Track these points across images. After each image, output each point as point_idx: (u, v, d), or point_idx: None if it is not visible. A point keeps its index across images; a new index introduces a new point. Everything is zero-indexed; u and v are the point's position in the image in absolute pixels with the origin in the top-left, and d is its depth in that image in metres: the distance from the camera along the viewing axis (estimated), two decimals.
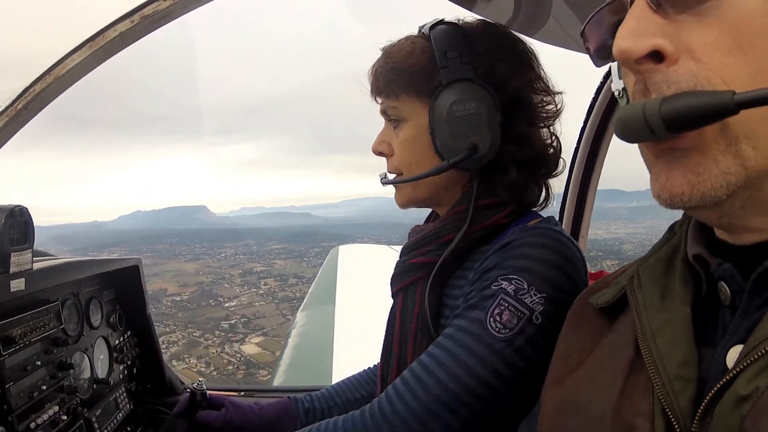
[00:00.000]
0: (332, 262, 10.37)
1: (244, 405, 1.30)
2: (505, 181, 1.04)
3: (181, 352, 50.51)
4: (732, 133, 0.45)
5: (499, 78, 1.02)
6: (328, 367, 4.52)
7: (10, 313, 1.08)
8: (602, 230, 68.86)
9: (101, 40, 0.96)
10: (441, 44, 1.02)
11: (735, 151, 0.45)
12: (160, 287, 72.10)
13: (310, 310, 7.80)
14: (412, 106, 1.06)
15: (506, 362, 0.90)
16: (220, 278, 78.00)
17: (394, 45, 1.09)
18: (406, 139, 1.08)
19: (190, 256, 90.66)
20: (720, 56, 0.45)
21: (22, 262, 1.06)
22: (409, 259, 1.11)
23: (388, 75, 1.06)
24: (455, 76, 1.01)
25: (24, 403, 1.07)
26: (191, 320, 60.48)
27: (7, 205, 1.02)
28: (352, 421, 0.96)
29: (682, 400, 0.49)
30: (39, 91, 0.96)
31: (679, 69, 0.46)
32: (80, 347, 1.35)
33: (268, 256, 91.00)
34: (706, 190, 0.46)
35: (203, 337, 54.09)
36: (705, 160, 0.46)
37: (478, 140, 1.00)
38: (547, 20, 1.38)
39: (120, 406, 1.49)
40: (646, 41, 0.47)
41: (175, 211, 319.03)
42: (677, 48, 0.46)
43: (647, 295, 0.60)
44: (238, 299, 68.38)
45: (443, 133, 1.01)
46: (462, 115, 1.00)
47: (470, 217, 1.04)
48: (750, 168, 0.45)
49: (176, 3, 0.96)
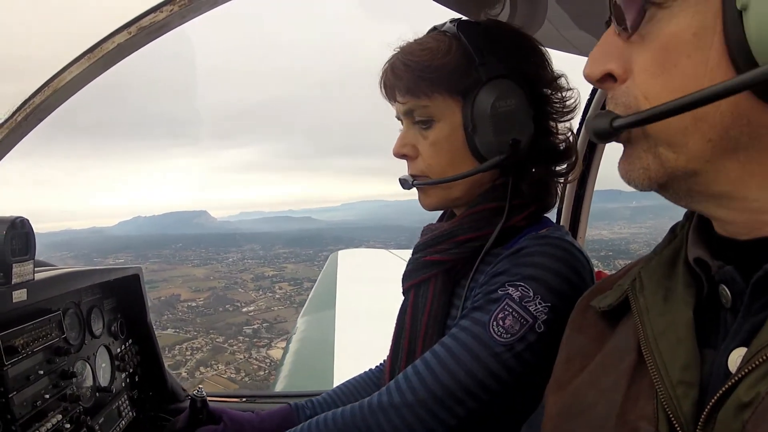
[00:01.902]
0: (332, 267, 10.37)
1: (242, 418, 1.29)
2: (529, 178, 1.05)
3: (207, 358, 50.03)
4: (652, 138, 0.52)
5: (528, 75, 1.03)
6: (329, 372, 4.52)
7: (13, 323, 1.09)
8: (606, 230, 68.84)
9: (99, 51, 0.96)
10: (475, 42, 1.01)
11: (655, 152, 0.52)
12: (173, 293, 71.76)
13: (310, 315, 7.80)
14: (445, 105, 1.03)
15: (504, 366, 0.91)
16: (232, 283, 77.61)
17: (417, 43, 1.06)
18: (438, 139, 1.04)
19: (197, 261, 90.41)
20: (646, 77, 0.51)
21: (24, 272, 1.07)
22: (423, 257, 1.11)
23: (419, 74, 1.02)
24: (494, 72, 1.00)
25: (27, 413, 1.07)
26: (211, 326, 60.12)
27: (8, 217, 1.03)
28: (351, 410, 0.99)
29: (685, 404, 0.50)
30: (38, 103, 0.97)
31: (622, 88, 0.54)
32: (82, 356, 1.36)
33: (277, 260, 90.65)
34: (635, 177, 0.55)
35: (227, 343, 53.70)
36: (633, 153, 0.55)
37: (518, 135, 1.00)
38: (542, 24, 1.40)
39: (123, 413, 1.49)
40: (600, 67, 0.55)
41: (176, 216, 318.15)
42: (626, 69, 0.53)
43: (649, 299, 0.60)
44: (255, 304, 68.04)
45: (485, 130, 1.00)
46: (504, 112, 0.99)
47: (476, 220, 1.05)
48: (670, 168, 0.51)
49: (173, 14, 0.97)
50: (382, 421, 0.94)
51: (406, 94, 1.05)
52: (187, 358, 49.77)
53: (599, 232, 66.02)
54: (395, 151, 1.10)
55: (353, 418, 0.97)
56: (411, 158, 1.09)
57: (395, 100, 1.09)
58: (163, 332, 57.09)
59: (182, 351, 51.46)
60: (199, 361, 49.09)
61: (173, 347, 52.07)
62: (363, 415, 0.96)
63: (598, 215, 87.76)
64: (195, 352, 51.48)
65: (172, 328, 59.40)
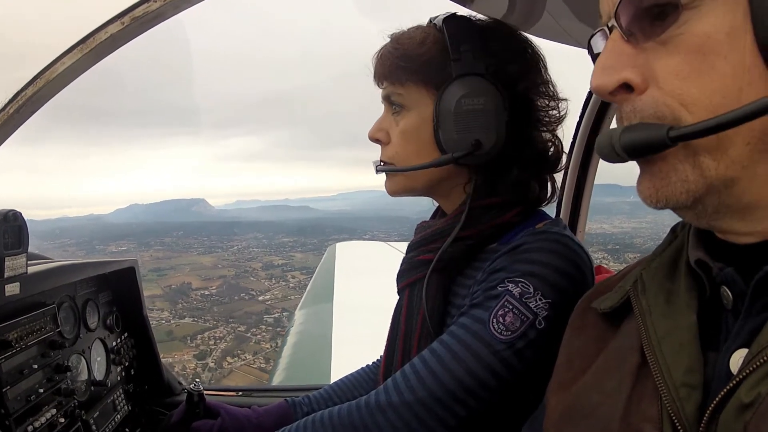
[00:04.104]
0: (330, 260, 10.38)
1: (240, 413, 1.29)
2: (505, 180, 1.04)
3: (231, 348, 48.98)
4: (692, 148, 0.48)
5: (509, 78, 1.02)
6: (326, 365, 4.53)
7: (6, 317, 1.08)
8: (607, 225, 68.72)
9: (92, 42, 0.95)
10: (454, 37, 1.01)
11: (694, 162, 0.48)
12: (183, 281, 70.47)
13: (308, 308, 7.81)
14: (418, 95, 1.04)
15: (505, 363, 0.90)
16: (242, 272, 76.47)
17: (405, 32, 1.07)
18: (407, 128, 1.06)
19: (201, 249, 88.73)
20: (678, 82, 0.47)
21: (17, 266, 1.06)
22: (416, 256, 1.11)
23: (396, 61, 1.04)
24: (466, 69, 1.00)
25: (21, 407, 1.07)
26: (230, 314, 58.76)
27: (0, 210, 1.02)
28: (348, 409, 0.98)
29: (688, 407, 0.50)
30: (31, 94, 0.96)
31: (644, 98, 0.49)
32: (77, 350, 1.35)
33: (283, 249, 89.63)
34: (669, 194, 0.50)
35: (250, 332, 52.35)
36: (666, 167, 0.50)
37: (482, 137, 0.99)
38: (541, 15, 1.38)
39: (118, 407, 1.49)
40: (615, 76, 0.50)
41: (173, 204, 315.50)
42: (645, 77, 0.49)
43: (651, 300, 0.60)
44: (270, 293, 66.64)
45: (448, 125, 1.00)
46: (470, 110, 0.98)
47: (468, 217, 1.04)
48: (710, 177, 0.48)
49: (167, 3, 0.96)
50: (380, 421, 0.92)
51: (385, 79, 1.08)
52: (211, 348, 48.74)
53: (600, 226, 65.94)
54: (370, 135, 1.13)
55: (350, 417, 0.96)
56: (383, 143, 1.11)
57: (380, 85, 1.11)
58: (182, 321, 56.05)
59: (205, 340, 50.42)
60: (225, 351, 48.03)
61: (195, 336, 50.98)
62: (361, 414, 0.95)
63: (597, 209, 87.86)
64: (219, 342, 50.38)
65: (189, 317, 58.02)
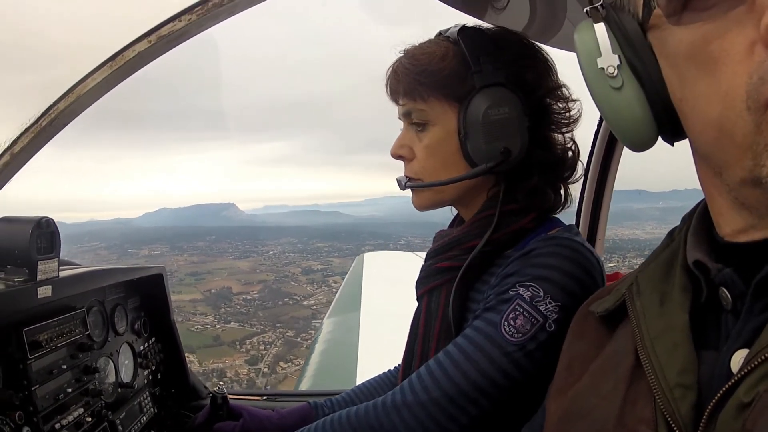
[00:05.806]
0: (358, 269, 10.45)
1: (262, 414, 1.31)
2: (526, 187, 1.05)
3: (283, 353, 48.86)
4: None
5: (528, 85, 1.03)
6: (352, 372, 4.55)
7: (37, 318, 1.13)
8: (639, 231, 66.57)
9: (120, 59, 1.00)
10: (473, 49, 1.02)
11: None
12: (223, 285, 70.39)
13: (336, 317, 7.85)
14: (441, 109, 1.05)
15: (516, 364, 0.93)
16: (282, 276, 75.43)
17: (419, 47, 1.08)
18: (432, 142, 1.07)
19: (236, 253, 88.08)
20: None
21: (49, 270, 1.12)
22: (434, 264, 1.13)
23: (416, 77, 1.05)
24: (488, 80, 1.01)
25: (49, 405, 1.12)
26: (276, 319, 58.58)
27: (34, 217, 1.08)
28: (365, 409, 1.01)
29: (683, 407, 0.50)
30: (63, 108, 1.01)
31: None
32: (105, 352, 1.40)
33: (320, 254, 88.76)
34: None
35: (300, 337, 51.60)
36: None
37: (510, 144, 1.01)
38: (562, 26, 1.38)
39: (144, 409, 1.53)
40: None
41: (203, 208, 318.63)
42: None
43: (646, 302, 0.60)
44: (314, 297, 65.84)
45: (477, 136, 1.01)
46: (496, 120, 1.00)
47: (486, 224, 1.05)
48: None
49: (191, 23, 1.00)
50: (396, 420, 0.95)
51: (405, 96, 1.08)
52: (262, 353, 48.60)
53: (633, 232, 63.83)
54: (392, 152, 1.13)
55: (367, 416, 0.99)
56: (407, 159, 1.12)
57: (397, 102, 1.12)
58: (227, 326, 55.89)
59: (255, 345, 50.26)
60: (277, 356, 47.91)
61: (244, 341, 50.84)
62: (377, 413, 0.98)
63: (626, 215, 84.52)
64: (269, 347, 50.26)
65: (235, 322, 58.01)
